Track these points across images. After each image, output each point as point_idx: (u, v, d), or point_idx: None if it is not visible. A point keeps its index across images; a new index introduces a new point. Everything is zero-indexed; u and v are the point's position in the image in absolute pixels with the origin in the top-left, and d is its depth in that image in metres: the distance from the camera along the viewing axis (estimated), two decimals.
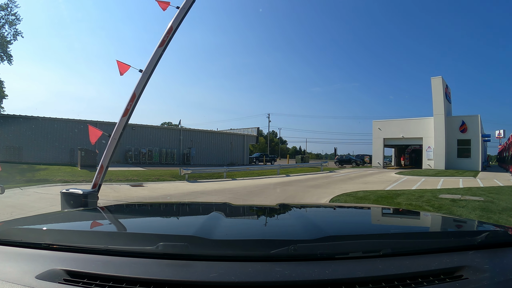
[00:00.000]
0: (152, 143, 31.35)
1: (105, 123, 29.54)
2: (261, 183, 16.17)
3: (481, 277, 0.98)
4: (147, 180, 15.59)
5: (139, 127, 31.22)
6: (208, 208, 2.38)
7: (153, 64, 4.11)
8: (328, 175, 22.71)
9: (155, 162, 30.69)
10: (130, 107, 3.99)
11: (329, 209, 2.73)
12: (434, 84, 31.64)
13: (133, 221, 1.87)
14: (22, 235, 1.25)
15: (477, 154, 30.12)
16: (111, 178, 15.47)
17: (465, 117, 31.29)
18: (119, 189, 12.63)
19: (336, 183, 16.32)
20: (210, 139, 36.55)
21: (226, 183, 15.69)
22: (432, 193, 10.82)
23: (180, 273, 0.97)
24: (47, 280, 0.94)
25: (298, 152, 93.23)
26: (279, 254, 1.06)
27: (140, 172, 19.30)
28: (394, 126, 35.43)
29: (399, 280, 0.96)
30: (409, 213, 2.79)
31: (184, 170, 16.83)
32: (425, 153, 32.28)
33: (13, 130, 22.81)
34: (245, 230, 1.67)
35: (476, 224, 2.11)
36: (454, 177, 20.01)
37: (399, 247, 1.20)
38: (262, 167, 26.54)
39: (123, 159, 29.11)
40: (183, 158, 32.92)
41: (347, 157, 46.82)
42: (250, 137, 41.69)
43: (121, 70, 4.09)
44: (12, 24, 28.53)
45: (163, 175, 17.39)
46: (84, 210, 2.48)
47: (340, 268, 1.02)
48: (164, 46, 4.13)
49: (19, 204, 8.42)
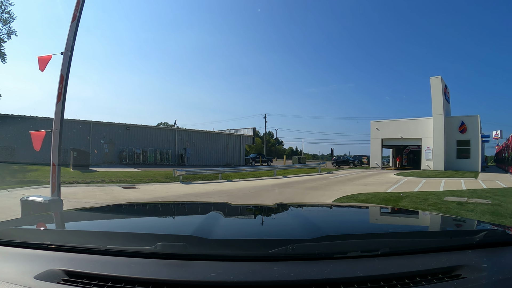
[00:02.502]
0: (147, 143, 31.18)
1: (100, 123, 29.06)
2: (257, 184, 15.92)
3: (479, 276, 0.98)
4: (140, 182, 15.28)
5: (133, 127, 30.97)
6: (206, 208, 2.41)
7: (71, 41, 4.07)
8: (326, 176, 22.42)
9: (150, 162, 30.53)
10: (61, 90, 3.82)
11: (327, 209, 2.75)
12: (433, 84, 31.42)
13: (132, 221, 1.88)
14: (21, 235, 1.25)
15: (476, 154, 29.98)
16: (104, 179, 15.25)
17: (464, 117, 31.12)
18: (110, 191, 12.36)
19: (335, 184, 16.08)
20: (206, 139, 36.42)
21: (221, 185, 15.42)
22: (437, 195, 10.58)
23: (179, 273, 0.97)
24: (45, 280, 0.94)
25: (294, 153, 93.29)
26: (278, 253, 1.06)
27: (134, 173, 18.99)
28: (392, 126, 35.20)
29: (397, 280, 0.96)
30: (407, 212, 2.80)
31: (178, 171, 16.43)
32: (424, 153, 32.07)
33: (6, 130, 22.58)
34: (244, 229, 1.68)
35: (474, 223, 2.12)
36: (455, 178, 19.79)
37: (398, 246, 1.20)
38: (259, 168, 26.17)
39: (117, 160, 28.91)
40: (179, 158, 32.75)
41: (345, 157, 46.59)
42: (246, 138, 41.60)
43: (41, 66, 3.80)
44: (6, 22, 27.98)
45: (157, 176, 17.05)
46: (82, 210, 2.47)
47: (338, 267, 1.02)
48: (76, 20, 4.09)
49: (1, 208, 8.00)
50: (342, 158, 45.16)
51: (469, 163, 29.71)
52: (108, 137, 28.86)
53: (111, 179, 15.36)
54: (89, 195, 10.67)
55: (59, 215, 2.03)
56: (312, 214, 2.18)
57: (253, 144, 48.45)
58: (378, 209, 2.69)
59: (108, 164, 26.74)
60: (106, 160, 27.95)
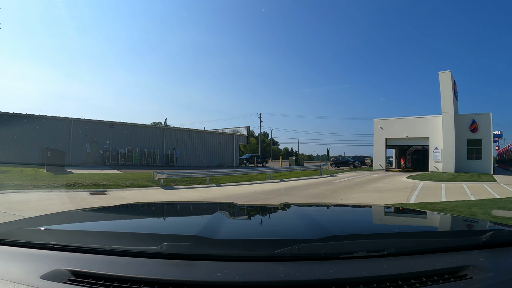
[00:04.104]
0: (133, 142, 30.04)
1: (81, 120, 27.89)
2: (250, 190, 14.37)
3: (485, 276, 1.00)
4: (117, 186, 13.90)
5: (118, 125, 29.61)
6: (212, 208, 2.47)
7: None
8: (330, 180, 20.62)
9: (136, 163, 29.69)
10: None
11: (332, 208, 2.80)
12: (442, 79, 29.93)
13: (137, 221, 1.92)
14: (27, 235, 1.28)
15: (489, 155, 28.79)
16: (76, 182, 13.75)
17: (475, 115, 29.80)
18: (73, 198, 10.80)
19: (343, 191, 14.34)
20: (197, 138, 35.40)
21: (208, 191, 14.00)
22: (480, 207, 8.96)
23: (184, 273, 1.00)
24: (51, 280, 0.97)
25: (290, 153, 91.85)
26: (283, 254, 1.09)
27: (113, 175, 17.78)
28: (397, 125, 33.55)
29: (403, 280, 0.98)
30: (413, 212, 2.81)
31: (158, 174, 14.58)
32: (432, 154, 30.54)
33: None
34: (249, 229, 1.71)
35: (481, 223, 2.11)
36: (475, 183, 18.16)
37: (404, 246, 1.23)
38: (252, 170, 24.09)
39: (100, 160, 27.77)
40: (167, 159, 31.56)
41: (344, 158, 44.97)
42: (240, 137, 40.24)
43: None
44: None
45: (138, 179, 15.54)
46: (88, 210, 2.49)
47: (344, 267, 1.05)
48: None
49: None
50: (341, 159, 43.63)
51: (481, 165, 28.49)
52: (90, 135, 27.81)
53: (85, 182, 14.01)
54: (42, 206, 8.54)
55: (65, 215, 2.02)
56: (317, 214, 2.21)
57: (247, 144, 46.96)
58: (382, 209, 2.72)
59: (90, 164, 25.83)
60: (88, 160, 27.09)
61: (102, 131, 28.27)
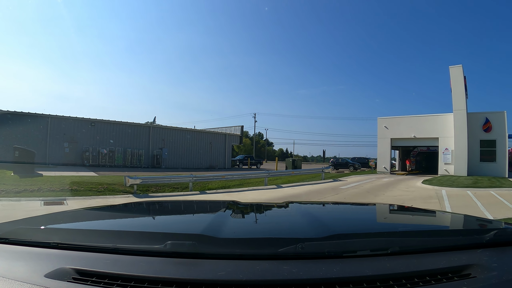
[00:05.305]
0: (116, 142, 28.73)
1: (60, 117, 26.04)
2: (242, 200, 11.16)
3: (489, 275, 1.00)
4: (86, 192, 12.16)
5: (99, 123, 28.42)
6: (215, 207, 2.50)
7: None
8: (335, 186, 18.72)
9: (118, 164, 28.57)
10: None
11: (336, 207, 2.81)
12: (453, 74, 28.57)
13: (141, 220, 1.93)
14: (31, 234, 1.29)
15: (503, 157, 27.73)
16: (41, 187, 12.08)
17: (489, 113, 28.57)
18: (18, 209, 9.04)
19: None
20: (186, 138, 34.38)
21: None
22: None
23: (188, 272, 1.01)
24: (56, 279, 0.98)
25: (285, 154, 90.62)
26: (287, 252, 1.10)
27: (87, 178, 15.87)
28: (403, 124, 31.97)
29: (407, 279, 0.99)
30: (417, 211, 2.72)
31: (130, 180, 12.78)
32: (442, 156, 29.05)
33: None
34: (253, 228, 1.70)
35: (485, 222, 2.13)
36: (501, 189, 16.78)
37: (407, 245, 1.24)
38: (245, 173, 21.11)
39: (80, 161, 26.26)
40: (153, 160, 30.56)
41: (343, 160, 43.34)
42: (233, 137, 39.07)
43: None
44: None
45: (114, 184, 14.35)
46: (92, 209, 2.46)
47: (348, 266, 1.06)
48: None
49: None
50: (341, 161, 42.24)
51: (495, 167, 27.45)
52: (69, 134, 26.58)
53: (52, 187, 12.43)
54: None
55: (68, 214, 2.02)
56: (321, 213, 2.21)
57: (240, 144, 45.57)
58: (387, 207, 2.76)
59: (68, 166, 24.15)
60: (67, 161, 25.63)
61: (82, 130, 27.12)
